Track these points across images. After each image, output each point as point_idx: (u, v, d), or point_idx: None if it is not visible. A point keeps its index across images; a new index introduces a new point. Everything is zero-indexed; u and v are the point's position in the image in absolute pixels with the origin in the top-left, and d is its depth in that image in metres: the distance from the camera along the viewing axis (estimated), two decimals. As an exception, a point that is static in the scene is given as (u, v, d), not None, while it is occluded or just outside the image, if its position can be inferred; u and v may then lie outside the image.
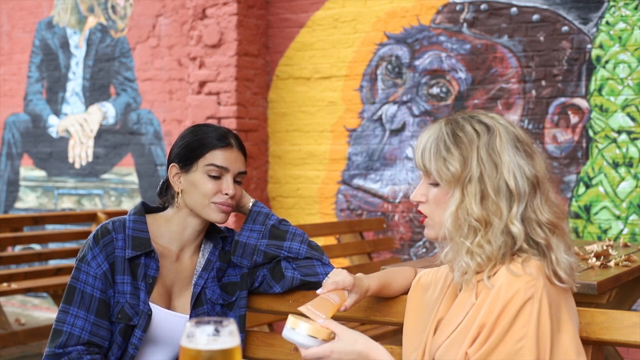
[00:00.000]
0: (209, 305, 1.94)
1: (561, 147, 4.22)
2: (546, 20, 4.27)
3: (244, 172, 1.96)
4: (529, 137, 1.56)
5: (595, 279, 2.39)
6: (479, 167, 1.49)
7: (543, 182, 1.52)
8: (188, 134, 1.96)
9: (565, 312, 1.47)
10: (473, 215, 1.48)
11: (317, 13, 4.97)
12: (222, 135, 1.93)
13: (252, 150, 5.02)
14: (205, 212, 1.91)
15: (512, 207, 1.48)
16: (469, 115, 1.57)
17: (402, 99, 4.69)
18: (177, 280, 1.94)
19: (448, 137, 1.53)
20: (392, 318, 1.88)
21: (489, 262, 1.48)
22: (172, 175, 1.94)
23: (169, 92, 5.55)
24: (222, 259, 2.01)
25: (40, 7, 6.32)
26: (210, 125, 1.97)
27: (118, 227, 1.89)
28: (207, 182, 1.89)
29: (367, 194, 4.80)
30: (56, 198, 6.18)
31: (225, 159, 1.91)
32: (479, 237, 1.48)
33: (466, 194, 1.50)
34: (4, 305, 5.12)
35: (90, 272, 1.83)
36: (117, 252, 1.86)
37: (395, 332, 3.73)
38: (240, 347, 1.18)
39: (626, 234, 4.04)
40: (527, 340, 1.38)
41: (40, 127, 6.29)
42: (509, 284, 1.42)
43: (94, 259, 1.84)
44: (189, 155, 1.91)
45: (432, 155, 1.53)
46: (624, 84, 4.07)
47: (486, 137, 1.51)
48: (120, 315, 1.84)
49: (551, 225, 1.49)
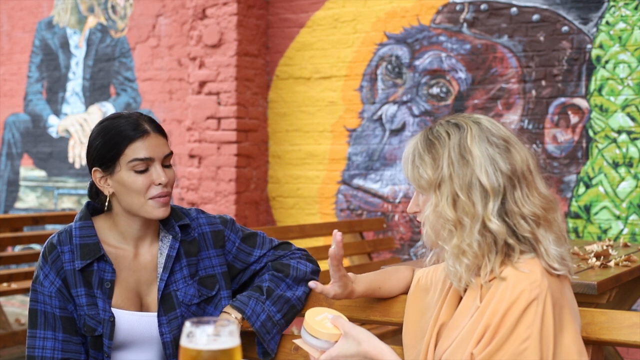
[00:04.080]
0: (182, 309, 1.83)
1: (561, 147, 4.22)
2: (546, 20, 4.27)
3: (169, 154, 1.81)
4: (510, 132, 1.54)
5: (595, 279, 2.39)
6: (449, 168, 1.49)
7: (525, 175, 1.50)
8: (99, 133, 1.79)
9: (568, 312, 1.47)
10: (447, 217, 1.48)
11: (317, 13, 4.97)
12: (135, 123, 1.77)
13: (252, 150, 5.02)
14: (144, 210, 1.77)
15: (488, 203, 1.46)
16: (445, 121, 1.56)
17: (402, 99, 4.69)
18: (142, 277, 1.84)
19: (421, 146, 1.54)
20: (392, 318, 1.88)
21: (476, 261, 1.47)
22: (98, 180, 1.80)
23: (169, 92, 5.55)
24: (191, 252, 1.87)
25: (40, 7, 6.32)
26: (119, 116, 1.80)
27: (64, 238, 1.80)
28: (135, 179, 1.75)
29: (367, 194, 4.79)
30: (56, 198, 6.18)
31: (147, 149, 1.75)
32: (455, 240, 1.48)
33: (439, 197, 1.49)
34: (4, 305, 5.12)
35: (45, 292, 1.76)
36: (65, 267, 1.77)
37: (395, 332, 3.73)
38: (240, 347, 1.18)
39: (626, 234, 4.04)
40: (531, 341, 1.38)
41: (40, 127, 6.29)
42: (514, 284, 1.42)
43: (45, 277, 1.77)
44: (108, 155, 1.76)
45: (409, 166, 1.55)
46: (624, 84, 4.06)
47: (457, 136, 1.51)
48: (85, 329, 1.77)
49: (535, 218, 1.48)
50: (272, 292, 1.87)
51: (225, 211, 4.83)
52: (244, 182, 4.95)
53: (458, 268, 1.49)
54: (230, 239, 1.94)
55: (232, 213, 4.84)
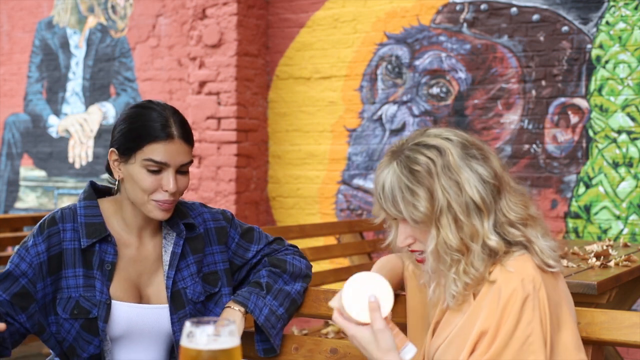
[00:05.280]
0: (190, 306, 1.82)
1: (561, 147, 4.22)
2: (546, 20, 4.27)
3: (188, 163, 1.76)
4: (474, 138, 1.53)
5: (595, 279, 2.39)
6: (445, 196, 1.45)
7: (502, 176, 1.50)
8: (127, 118, 1.75)
9: (565, 307, 1.47)
10: (452, 246, 1.46)
11: (317, 13, 4.97)
12: (164, 123, 1.71)
13: (252, 150, 5.02)
14: (145, 208, 1.74)
15: (484, 221, 1.45)
16: (414, 144, 1.51)
17: (402, 99, 4.69)
18: (144, 268, 1.81)
19: (407, 178, 1.48)
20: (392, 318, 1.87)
21: (476, 281, 1.46)
22: (112, 160, 1.77)
23: (169, 92, 5.55)
24: (196, 249, 1.86)
25: (40, 7, 6.32)
26: (153, 108, 1.75)
27: (67, 215, 1.75)
28: (145, 177, 1.71)
29: (367, 194, 4.79)
30: (56, 198, 6.18)
31: (165, 154, 1.70)
32: (462, 265, 1.46)
33: (441, 228, 1.46)
34: (4, 305, 5.12)
35: (26, 259, 1.70)
36: (65, 245, 1.73)
37: (395, 332, 3.73)
38: (241, 347, 1.18)
39: (626, 234, 4.04)
40: (534, 337, 1.38)
41: (40, 127, 6.29)
42: (505, 284, 1.41)
43: (34, 246, 1.71)
44: (128, 145, 1.72)
45: (400, 203, 1.49)
46: (624, 84, 4.07)
47: (441, 160, 1.47)
48: (77, 311, 1.72)
49: (522, 220, 1.48)
50: (272, 287, 1.86)
51: (225, 211, 4.83)
52: (244, 182, 4.96)
53: (458, 289, 1.48)
54: (231, 236, 1.94)
55: (232, 213, 4.83)
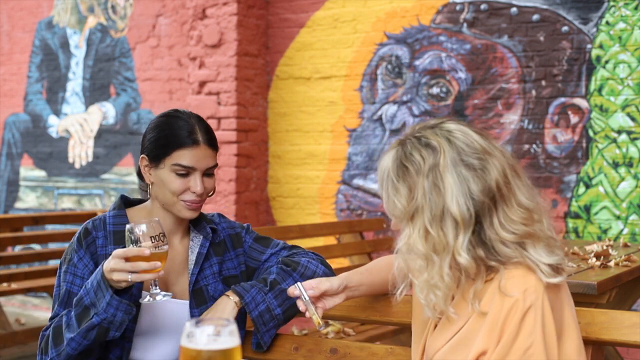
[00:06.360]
0: (211, 302, 1.91)
1: (561, 147, 4.22)
2: (546, 20, 4.27)
3: (213, 166, 1.91)
4: (484, 139, 1.46)
5: (595, 279, 2.39)
6: (422, 198, 1.42)
7: (501, 189, 1.42)
8: (156, 127, 1.91)
9: (568, 315, 1.45)
10: (418, 251, 1.43)
11: (317, 13, 4.97)
12: (190, 130, 1.86)
13: (252, 150, 5.02)
14: (175, 209, 1.88)
15: (458, 235, 1.40)
16: (417, 137, 1.48)
17: (402, 99, 4.69)
18: (172, 267, 1.92)
19: (394, 173, 1.47)
20: (392, 318, 1.88)
21: (450, 292, 1.43)
22: (143, 166, 1.92)
23: (169, 92, 5.55)
24: (218, 252, 1.98)
25: (40, 7, 6.32)
26: (180, 117, 1.90)
27: (98, 225, 1.89)
28: (174, 180, 1.86)
29: (367, 194, 4.80)
30: (56, 198, 6.18)
31: (192, 158, 1.85)
32: (426, 275, 1.43)
33: (412, 229, 1.44)
34: (4, 305, 5.12)
35: (78, 274, 1.84)
36: (99, 251, 1.86)
37: (396, 332, 3.73)
38: (241, 347, 1.18)
39: (626, 234, 4.04)
40: (534, 348, 1.35)
41: (40, 127, 6.29)
42: (508, 293, 1.38)
43: (80, 260, 1.85)
44: (157, 152, 1.87)
45: (382, 193, 1.50)
46: (624, 84, 4.07)
47: (430, 160, 1.43)
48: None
49: (517, 239, 1.41)
50: (276, 286, 1.89)
51: (225, 211, 4.83)
52: (244, 182, 4.96)
53: (432, 298, 1.44)
54: (245, 240, 2.04)
55: (232, 213, 4.84)
